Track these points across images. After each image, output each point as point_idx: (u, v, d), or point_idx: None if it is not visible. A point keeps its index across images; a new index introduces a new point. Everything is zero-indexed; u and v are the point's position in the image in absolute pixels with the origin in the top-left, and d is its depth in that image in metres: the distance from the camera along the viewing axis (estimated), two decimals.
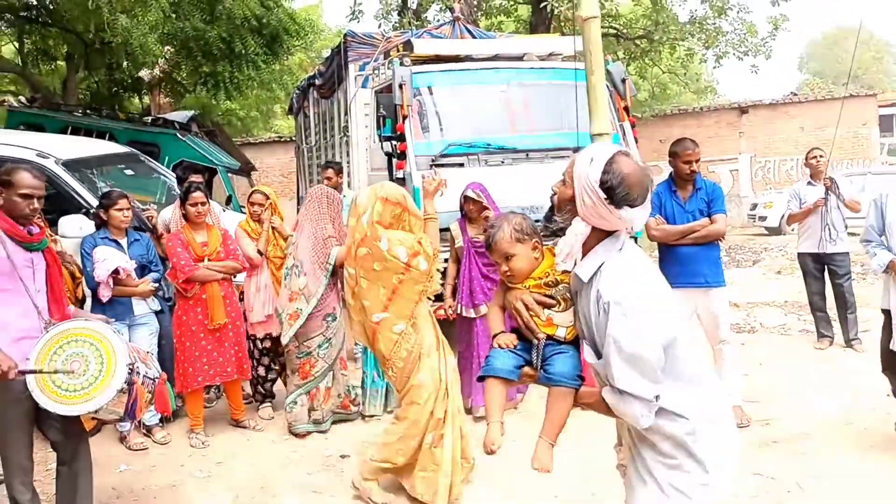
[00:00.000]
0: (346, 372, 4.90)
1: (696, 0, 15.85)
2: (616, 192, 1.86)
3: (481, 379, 2.11)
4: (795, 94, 19.92)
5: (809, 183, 6.14)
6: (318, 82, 10.16)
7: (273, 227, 5.06)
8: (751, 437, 4.18)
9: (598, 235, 1.94)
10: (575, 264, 1.96)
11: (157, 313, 4.64)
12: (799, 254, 6.31)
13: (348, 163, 8.47)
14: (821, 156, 6.08)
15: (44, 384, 2.85)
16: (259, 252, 4.99)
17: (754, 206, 16.30)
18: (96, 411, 2.92)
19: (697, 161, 4.34)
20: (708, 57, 16.71)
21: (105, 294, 4.23)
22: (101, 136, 9.58)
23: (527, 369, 2.07)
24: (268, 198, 5.11)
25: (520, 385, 4.89)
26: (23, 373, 2.85)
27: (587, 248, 1.94)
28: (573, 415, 2.05)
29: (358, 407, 4.88)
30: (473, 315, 4.84)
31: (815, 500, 3.39)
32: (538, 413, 4.64)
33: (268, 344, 5.00)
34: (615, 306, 1.82)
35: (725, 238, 4.48)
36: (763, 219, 15.69)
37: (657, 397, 1.84)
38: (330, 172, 6.16)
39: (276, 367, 5.10)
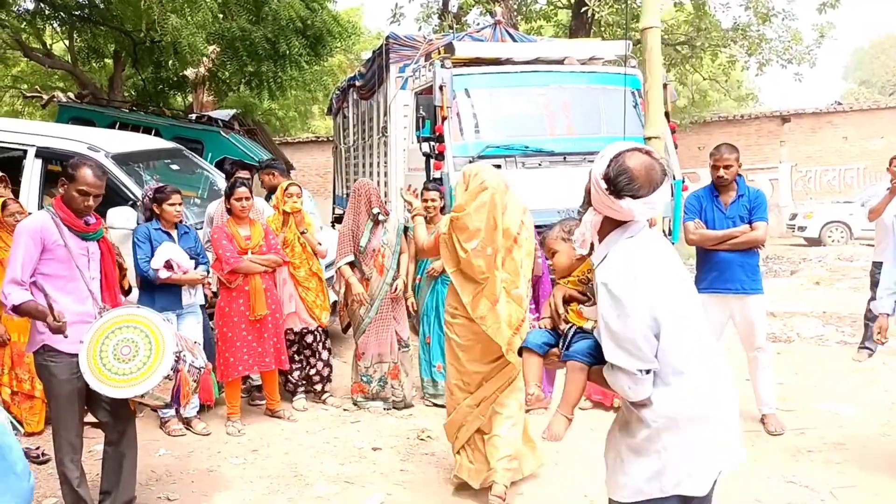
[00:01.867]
0: (360, 363, 5.03)
1: (739, 6, 15.59)
2: (616, 182, 2.00)
3: (520, 353, 2.43)
4: (840, 104, 19.49)
5: (889, 189, 5.99)
6: (358, 83, 10.33)
7: (302, 234, 5.12)
8: (785, 445, 4.16)
9: (612, 225, 2.10)
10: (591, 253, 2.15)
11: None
12: (873, 262, 6.15)
13: (386, 163, 8.59)
14: None
15: (95, 366, 2.98)
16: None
17: (794, 216, 16.03)
18: (143, 396, 3.04)
19: (728, 168, 4.27)
20: (750, 64, 16.47)
21: (162, 275, 4.34)
22: (146, 131, 9.86)
23: (554, 350, 2.30)
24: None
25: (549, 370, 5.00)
26: None
27: (602, 236, 2.11)
28: (602, 417, 2.17)
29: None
30: None
31: None
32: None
33: (291, 336, 5.10)
34: (603, 286, 2.01)
35: (765, 246, 4.44)
36: (802, 229, 15.41)
37: (642, 371, 1.95)
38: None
39: (300, 360, 5.20)
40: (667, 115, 7.00)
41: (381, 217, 5.12)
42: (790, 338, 6.77)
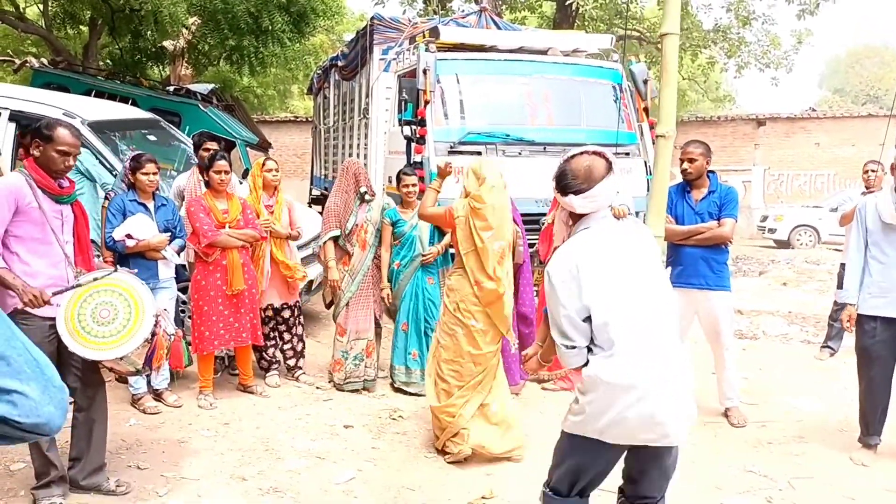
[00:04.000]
0: (341, 339, 5.05)
1: (721, 8, 15.78)
2: (560, 181, 2.40)
3: None
4: (814, 110, 19.87)
5: (863, 194, 6.15)
6: (340, 64, 10.25)
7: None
8: (747, 437, 4.29)
9: (576, 218, 2.45)
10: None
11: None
12: (841, 263, 6.31)
13: (366, 145, 8.56)
14: (873, 170, 6.09)
15: (73, 329, 2.96)
16: None
17: (764, 219, 16.34)
18: (121, 359, 3.03)
19: (692, 161, 4.30)
20: (729, 66, 16.70)
21: (129, 243, 4.29)
22: (123, 101, 9.68)
23: None
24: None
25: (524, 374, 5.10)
26: (60, 292, 2.96)
27: (570, 228, 2.48)
28: (567, 402, 2.46)
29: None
30: None
31: (802, 498, 3.48)
32: (536, 402, 4.77)
33: (269, 313, 5.10)
34: (546, 274, 2.39)
35: (732, 243, 4.53)
36: (773, 231, 15.73)
37: (567, 346, 2.32)
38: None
39: (275, 336, 5.20)
40: (646, 110, 7.13)
41: (367, 196, 5.13)
42: (756, 335, 6.94)
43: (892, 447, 4.06)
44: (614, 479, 2.57)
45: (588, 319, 2.29)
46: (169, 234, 4.53)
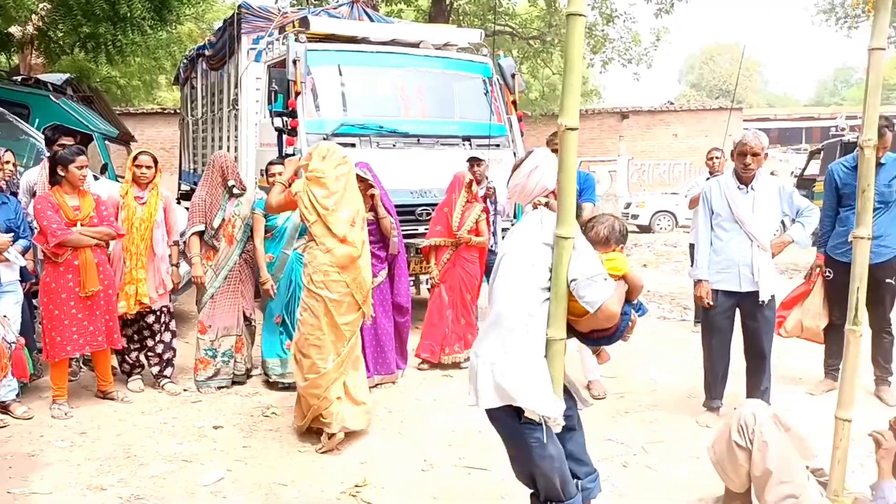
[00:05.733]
0: (203, 336, 4.91)
1: (587, 6, 16.55)
2: None
3: None
4: (672, 104, 21.30)
5: (708, 179, 6.64)
6: (207, 53, 9.87)
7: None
8: (606, 408, 4.57)
9: None
10: None
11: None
12: (690, 244, 6.81)
13: (237, 137, 8.30)
14: (717, 157, 6.61)
15: None
16: None
17: (628, 205, 17.38)
18: None
19: (556, 151, 4.57)
20: (595, 62, 17.57)
21: None
22: None
23: None
24: (156, 162, 4.93)
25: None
26: None
27: None
28: (443, 388, 2.47)
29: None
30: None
31: (654, 461, 3.76)
32: (415, 391, 4.85)
33: (131, 315, 4.84)
34: None
35: None
36: (635, 217, 16.77)
37: None
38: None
39: (138, 339, 4.96)
40: (514, 104, 7.37)
41: (236, 190, 4.99)
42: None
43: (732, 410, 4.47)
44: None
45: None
46: (11, 234, 4.20)
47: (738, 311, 4.31)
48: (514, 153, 7.16)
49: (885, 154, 4.57)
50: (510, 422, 2.48)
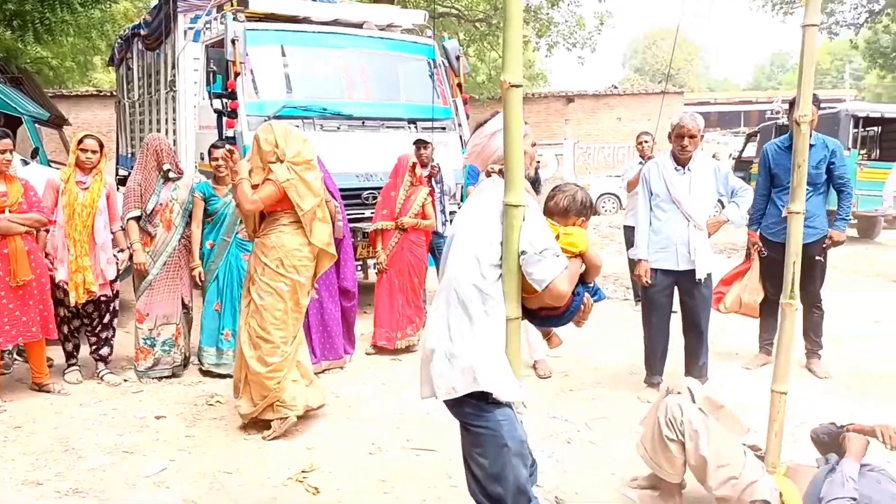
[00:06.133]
0: (142, 325, 4.81)
1: None
2: None
3: None
4: (616, 87, 21.64)
5: (640, 162, 6.78)
6: (143, 32, 9.49)
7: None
8: (552, 386, 4.66)
9: None
10: None
11: None
12: (624, 226, 6.96)
13: (175, 119, 8.05)
14: (646, 140, 6.74)
15: None
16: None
17: None
18: None
19: None
20: (540, 45, 17.68)
21: None
22: None
23: None
24: (101, 146, 4.72)
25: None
26: None
27: None
28: (392, 372, 2.42)
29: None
30: None
31: (597, 436, 3.86)
32: (362, 375, 4.84)
33: (71, 303, 4.69)
34: None
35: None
36: None
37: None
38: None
39: (75, 327, 4.81)
40: (460, 86, 7.36)
41: (172, 174, 4.84)
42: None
43: None
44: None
45: None
46: None
47: (676, 289, 4.43)
48: (461, 136, 7.17)
49: (814, 136, 4.75)
50: (473, 409, 2.22)
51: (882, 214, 11.11)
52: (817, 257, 4.79)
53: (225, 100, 6.07)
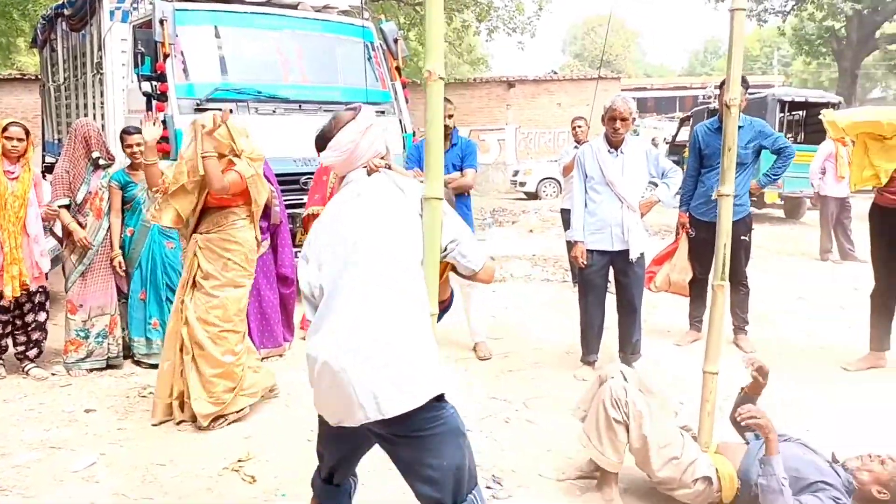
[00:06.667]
0: (74, 317, 4.65)
1: None
2: (316, 140, 2.34)
3: None
4: (556, 73, 21.88)
5: (575, 147, 6.87)
6: (67, 12, 9.06)
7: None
8: (492, 368, 4.72)
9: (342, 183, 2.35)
10: None
11: None
12: (561, 209, 7.06)
13: (103, 103, 7.73)
14: (580, 126, 6.83)
15: None
16: None
17: (516, 173, 17.78)
18: None
19: (450, 117, 4.64)
20: (481, 30, 17.70)
21: None
22: None
23: None
24: (28, 133, 4.50)
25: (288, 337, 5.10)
26: None
27: None
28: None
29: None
30: None
31: (535, 415, 3.93)
32: (302, 362, 4.80)
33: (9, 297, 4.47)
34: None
35: (474, 190, 4.89)
36: (523, 184, 17.19)
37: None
38: None
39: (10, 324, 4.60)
40: (398, 69, 7.30)
41: (102, 161, 4.67)
42: (504, 278, 7.59)
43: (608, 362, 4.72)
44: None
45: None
46: None
47: (611, 269, 4.54)
48: (401, 121, 7.13)
49: (742, 117, 4.91)
50: (430, 412, 2.00)
51: (807, 195, 11.62)
52: (742, 237, 4.96)
53: (154, 82, 5.87)
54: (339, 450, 2.32)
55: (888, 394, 4.16)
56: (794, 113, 13.01)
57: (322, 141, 2.30)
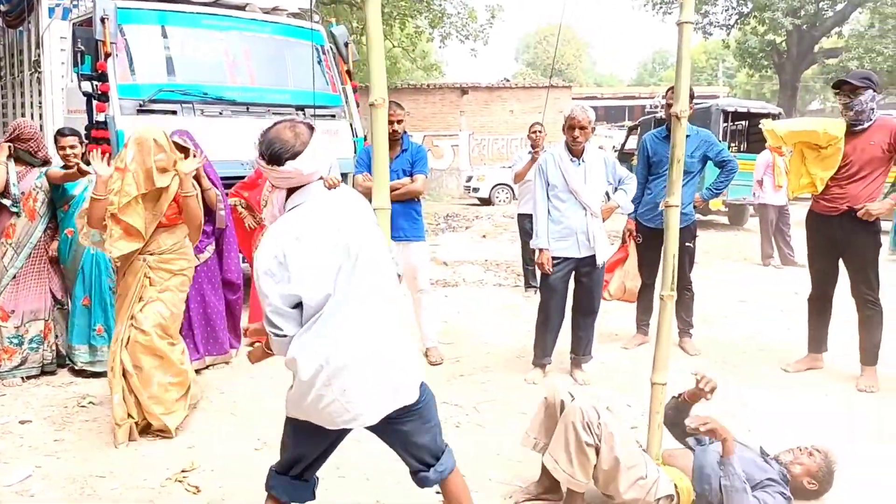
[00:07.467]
0: (6, 323, 4.46)
1: None
2: (269, 151, 2.13)
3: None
4: (508, 80, 22.07)
5: (530, 152, 6.93)
6: (3, 8, 8.73)
7: None
8: (444, 372, 4.71)
9: (290, 195, 2.23)
10: None
11: None
12: (518, 214, 7.10)
13: (41, 103, 7.47)
14: (538, 131, 6.90)
15: None
16: None
17: (469, 179, 17.87)
18: None
19: (391, 123, 4.55)
20: (434, 36, 17.74)
21: None
22: None
23: None
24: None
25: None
26: None
27: (284, 207, 2.25)
28: (280, 366, 2.31)
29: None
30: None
31: (485, 419, 3.94)
32: (248, 369, 4.68)
33: None
34: (255, 264, 2.16)
35: (425, 197, 4.87)
36: (476, 190, 17.29)
37: (281, 336, 2.15)
38: None
39: None
40: (349, 73, 7.25)
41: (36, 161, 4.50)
42: (457, 282, 7.61)
43: (558, 367, 4.76)
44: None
45: (299, 305, 2.11)
46: None
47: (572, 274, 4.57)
48: (350, 124, 7.07)
49: (688, 127, 5.02)
50: (421, 389, 2.34)
51: (750, 203, 11.99)
52: (687, 243, 5.07)
53: (95, 82, 5.69)
54: (319, 446, 2.40)
55: (823, 395, 4.30)
56: (737, 123, 13.43)
57: (284, 153, 2.12)
